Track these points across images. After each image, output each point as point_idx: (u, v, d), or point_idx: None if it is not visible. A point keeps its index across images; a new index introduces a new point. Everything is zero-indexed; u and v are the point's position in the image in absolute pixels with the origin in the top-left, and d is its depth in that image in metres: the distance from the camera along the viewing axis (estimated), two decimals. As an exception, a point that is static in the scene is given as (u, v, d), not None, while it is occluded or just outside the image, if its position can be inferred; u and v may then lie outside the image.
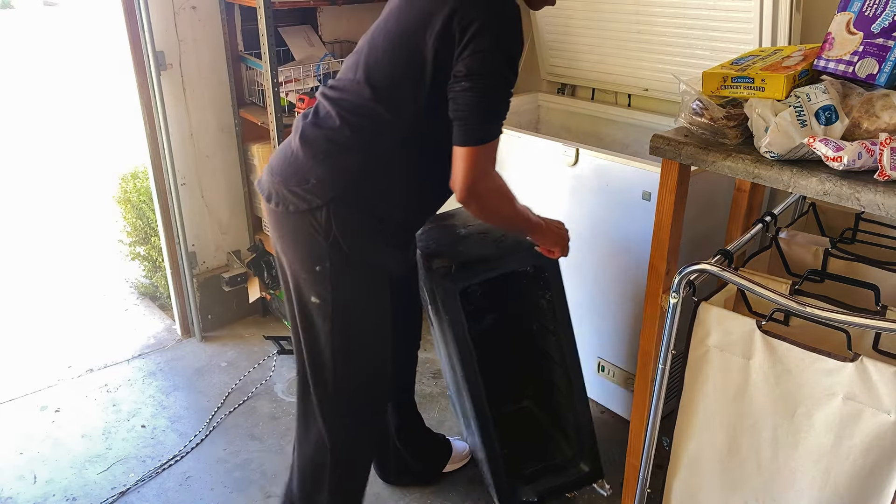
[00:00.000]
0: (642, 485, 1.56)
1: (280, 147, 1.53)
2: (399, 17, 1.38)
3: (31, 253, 3.66)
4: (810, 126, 1.21)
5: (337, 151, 1.41)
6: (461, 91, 1.29)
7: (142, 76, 2.39)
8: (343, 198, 1.40)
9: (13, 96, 7.66)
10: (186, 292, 2.69)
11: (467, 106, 1.30)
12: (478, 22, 1.25)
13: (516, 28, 1.31)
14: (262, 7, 2.20)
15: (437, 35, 1.28)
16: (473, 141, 1.31)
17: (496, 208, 1.43)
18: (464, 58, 1.27)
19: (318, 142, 1.42)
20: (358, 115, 1.40)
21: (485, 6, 1.26)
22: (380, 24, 1.43)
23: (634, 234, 1.99)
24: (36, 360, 2.64)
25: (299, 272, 1.48)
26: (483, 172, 1.34)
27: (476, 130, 1.31)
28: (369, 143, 1.40)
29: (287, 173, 1.44)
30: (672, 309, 1.35)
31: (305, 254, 1.45)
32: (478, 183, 1.34)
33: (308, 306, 1.49)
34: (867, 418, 1.16)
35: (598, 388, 2.30)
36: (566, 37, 2.52)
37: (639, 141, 2.43)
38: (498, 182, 1.40)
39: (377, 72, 1.39)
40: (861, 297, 1.34)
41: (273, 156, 1.54)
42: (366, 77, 1.40)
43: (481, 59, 1.26)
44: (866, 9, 1.23)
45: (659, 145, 1.40)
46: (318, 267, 1.44)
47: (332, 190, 1.39)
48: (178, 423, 2.29)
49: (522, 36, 1.34)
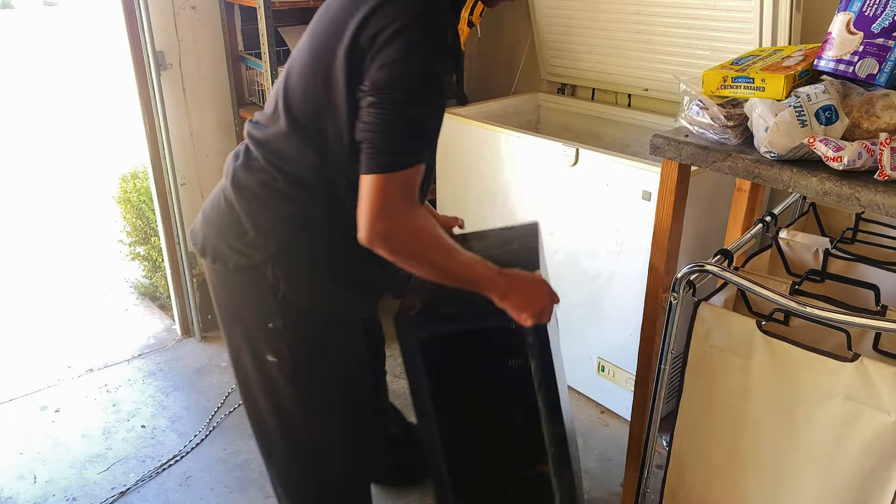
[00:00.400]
0: (642, 485, 1.56)
1: (213, 192, 1.33)
2: (314, 31, 1.18)
3: (31, 253, 3.66)
4: (810, 126, 1.21)
5: (272, 198, 1.22)
6: (366, 108, 1.07)
7: (142, 76, 2.39)
8: (287, 250, 1.22)
9: (13, 96, 7.66)
10: (186, 292, 2.69)
11: (372, 126, 1.07)
12: (388, 30, 1.05)
13: (437, 37, 1.08)
14: (262, 7, 2.20)
15: (347, 50, 1.08)
16: (378, 167, 1.06)
17: (414, 254, 1.13)
18: (371, 72, 1.07)
19: (250, 188, 1.23)
20: (284, 158, 1.20)
21: (398, 11, 1.06)
22: (300, 42, 1.23)
23: (634, 234, 1.99)
24: (36, 360, 2.64)
25: (252, 330, 1.30)
26: (392, 209, 1.07)
27: (381, 155, 1.06)
28: (303, 188, 1.20)
29: (222, 225, 1.26)
30: (672, 309, 1.35)
31: (256, 311, 1.28)
32: (385, 221, 1.07)
33: (266, 365, 1.32)
34: (867, 418, 1.16)
35: (598, 388, 2.30)
36: (566, 37, 2.52)
37: (639, 141, 2.43)
38: (416, 223, 1.11)
39: (295, 102, 1.18)
40: (861, 297, 1.34)
41: (207, 201, 1.33)
42: (285, 109, 1.19)
43: (388, 71, 1.05)
44: (866, 9, 1.23)
45: (659, 145, 1.40)
46: (271, 324, 1.27)
47: (273, 242, 1.22)
48: (178, 423, 2.28)
49: (449, 48, 1.11)
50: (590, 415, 2.29)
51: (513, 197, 2.35)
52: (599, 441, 2.17)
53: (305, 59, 1.17)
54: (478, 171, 2.43)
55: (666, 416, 1.53)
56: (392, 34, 1.04)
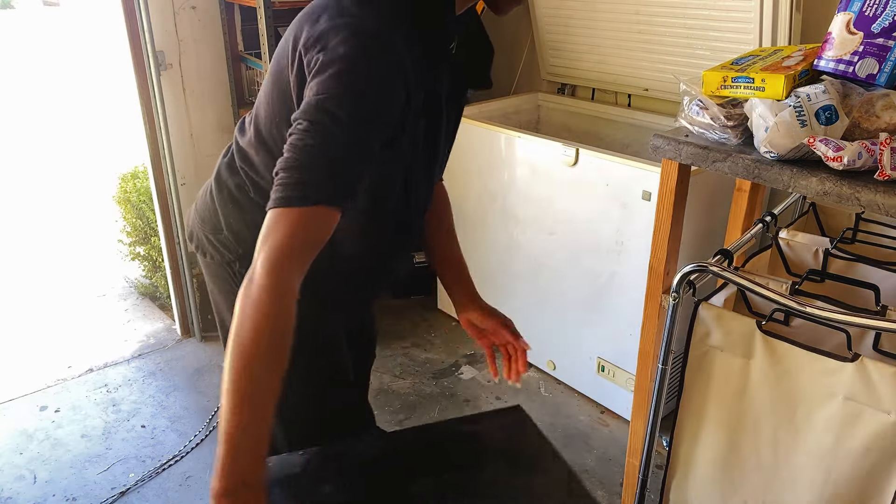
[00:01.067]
0: (642, 485, 1.56)
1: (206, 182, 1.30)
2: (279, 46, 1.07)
3: (31, 253, 3.66)
4: (810, 126, 1.21)
5: (246, 203, 1.15)
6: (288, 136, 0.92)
7: (142, 76, 2.39)
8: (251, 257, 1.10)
9: (13, 96, 7.66)
10: (186, 292, 2.69)
11: (288, 157, 0.90)
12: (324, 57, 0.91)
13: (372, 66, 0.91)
14: (262, 7, 2.20)
15: (296, 71, 0.97)
16: (276, 201, 0.88)
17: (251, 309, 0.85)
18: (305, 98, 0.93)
19: (229, 187, 1.19)
20: (254, 169, 1.13)
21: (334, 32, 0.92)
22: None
23: (634, 234, 1.99)
24: (36, 360, 2.64)
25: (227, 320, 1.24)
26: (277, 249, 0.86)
27: (285, 187, 0.88)
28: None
29: (204, 217, 1.24)
30: (672, 309, 1.35)
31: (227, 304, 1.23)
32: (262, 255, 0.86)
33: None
34: (867, 418, 1.16)
35: (598, 388, 2.30)
36: (566, 37, 2.52)
37: (639, 141, 2.43)
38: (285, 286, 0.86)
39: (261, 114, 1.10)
40: (861, 297, 1.33)
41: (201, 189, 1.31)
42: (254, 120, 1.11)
43: (314, 97, 0.90)
44: (866, 9, 1.23)
45: (659, 145, 1.40)
46: None
47: (240, 246, 1.17)
48: (178, 423, 2.28)
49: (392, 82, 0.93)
50: (590, 415, 2.29)
51: (513, 197, 2.35)
52: (599, 441, 2.17)
53: (271, 69, 1.07)
54: (478, 171, 2.43)
55: (666, 416, 1.53)
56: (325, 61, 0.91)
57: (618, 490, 1.95)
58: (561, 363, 2.40)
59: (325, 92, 0.90)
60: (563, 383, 2.43)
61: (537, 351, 2.48)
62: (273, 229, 0.87)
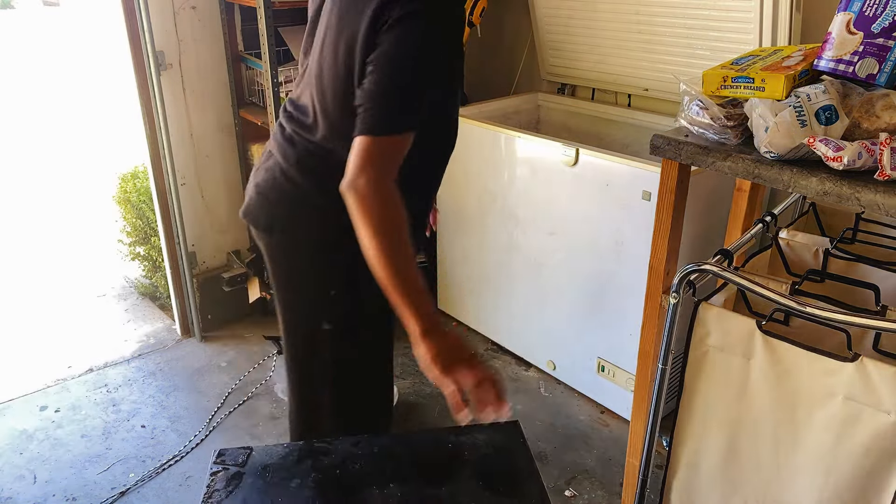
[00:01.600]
0: (642, 485, 1.56)
1: (261, 163, 1.38)
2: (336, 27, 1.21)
3: (31, 253, 3.66)
4: (810, 126, 1.21)
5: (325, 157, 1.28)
6: (367, 77, 1.12)
7: (142, 76, 2.39)
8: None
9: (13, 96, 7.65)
10: (186, 292, 2.69)
11: (368, 93, 1.11)
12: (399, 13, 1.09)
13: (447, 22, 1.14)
14: (262, 7, 2.20)
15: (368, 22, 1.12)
16: (366, 130, 1.09)
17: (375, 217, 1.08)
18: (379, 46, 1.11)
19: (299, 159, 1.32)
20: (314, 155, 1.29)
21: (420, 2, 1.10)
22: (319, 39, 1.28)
23: (634, 234, 1.99)
24: (36, 360, 2.64)
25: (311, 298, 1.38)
26: (371, 168, 1.08)
27: (371, 119, 1.10)
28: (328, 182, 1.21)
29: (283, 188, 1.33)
30: (672, 309, 1.35)
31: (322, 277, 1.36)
32: (364, 177, 1.08)
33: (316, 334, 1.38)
34: (867, 418, 1.16)
35: (598, 388, 2.30)
36: (566, 37, 2.52)
37: (639, 141, 2.43)
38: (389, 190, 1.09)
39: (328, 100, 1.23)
40: (861, 297, 1.34)
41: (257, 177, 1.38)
42: (322, 108, 1.25)
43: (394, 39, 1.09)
44: (866, 9, 1.23)
45: (659, 145, 1.40)
46: (334, 291, 1.34)
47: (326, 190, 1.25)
48: (178, 423, 2.28)
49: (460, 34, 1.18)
50: (590, 415, 2.29)
51: (513, 197, 2.35)
52: (599, 441, 2.17)
53: (331, 58, 1.20)
54: (478, 171, 2.43)
55: (666, 416, 1.53)
56: (400, 17, 1.09)
57: (618, 490, 1.95)
58: (561, 363, 2.40)
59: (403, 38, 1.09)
60: (563, 383, 2.43)
61: (537, 351, 2.48)
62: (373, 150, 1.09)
